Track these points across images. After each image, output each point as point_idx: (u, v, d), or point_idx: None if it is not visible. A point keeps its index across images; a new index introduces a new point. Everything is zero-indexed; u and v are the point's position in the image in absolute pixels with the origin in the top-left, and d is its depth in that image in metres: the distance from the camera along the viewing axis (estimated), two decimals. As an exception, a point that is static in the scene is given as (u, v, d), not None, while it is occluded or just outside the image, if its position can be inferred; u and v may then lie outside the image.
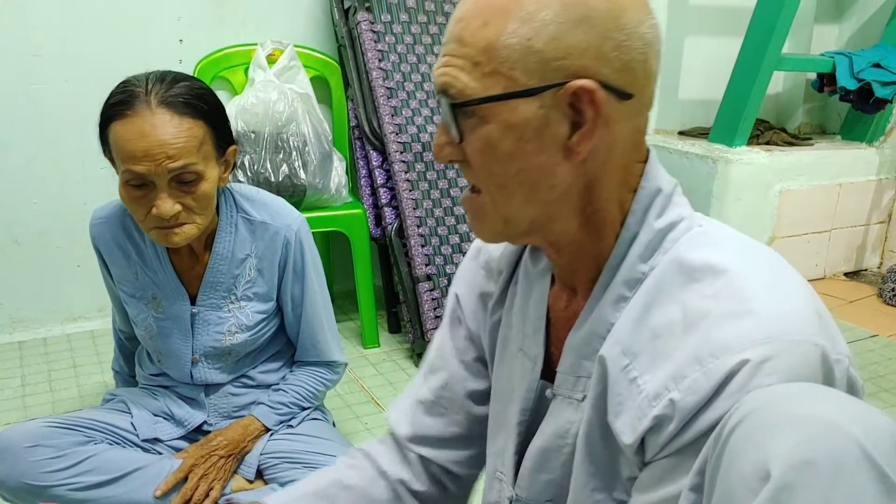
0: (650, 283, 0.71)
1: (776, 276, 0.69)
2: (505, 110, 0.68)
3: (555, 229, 0.75)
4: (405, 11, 2.42)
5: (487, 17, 0.67)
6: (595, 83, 0.66)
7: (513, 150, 0.69)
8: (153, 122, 1.25)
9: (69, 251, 2.45)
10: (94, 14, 2.34)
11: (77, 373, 2.26)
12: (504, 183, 0.72)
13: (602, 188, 0.72)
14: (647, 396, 0.67)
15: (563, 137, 0.69)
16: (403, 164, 2.32)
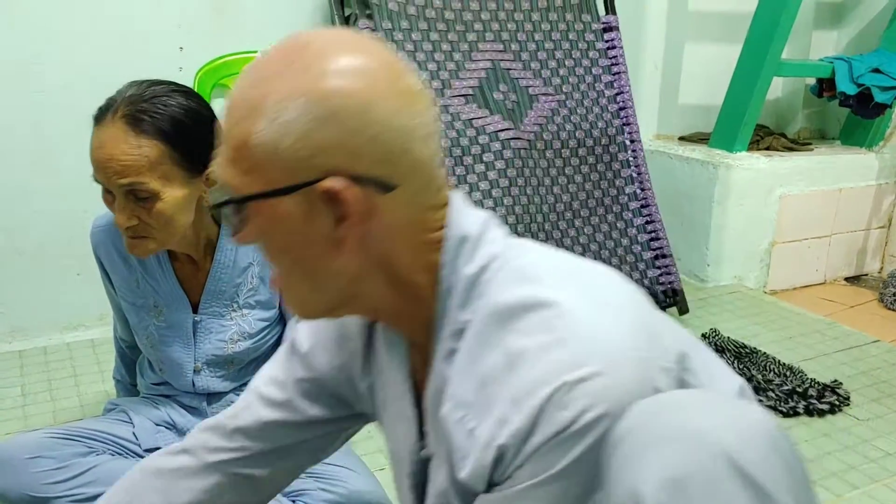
0: (471, 332, 0.72)
1: (592, 297, 0.70)
2: (267, 207, 0.69)
3: (366, 302, 0.76)
4: (406, 19, 2.42)
5: (241, 114, 0.68)
6: (345, 181, 0.66)
7: (284, 243, 0.71)
8: (109, 135, 1.26)
9: (69, 259, 2.44)
10: (95, 21, 2.33)
11: (77, 382, 2.25)
12: (289, 272, 0.74)
13: (399, 261, 0.73)
14: (481, 446, 0.68)
15: (329, 230, 0.69)
16: (404, 171, 2.32)
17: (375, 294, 0.74)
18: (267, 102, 0.66)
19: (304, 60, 0.67)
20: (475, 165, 2.41)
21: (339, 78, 0.66)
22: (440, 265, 0.73)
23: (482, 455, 0.68)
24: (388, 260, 0.72)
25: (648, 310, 0.73)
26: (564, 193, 2.57)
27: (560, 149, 2.58)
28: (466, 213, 0.75)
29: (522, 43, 2.59)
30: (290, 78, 0.66)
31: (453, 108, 2.43)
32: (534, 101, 2.57)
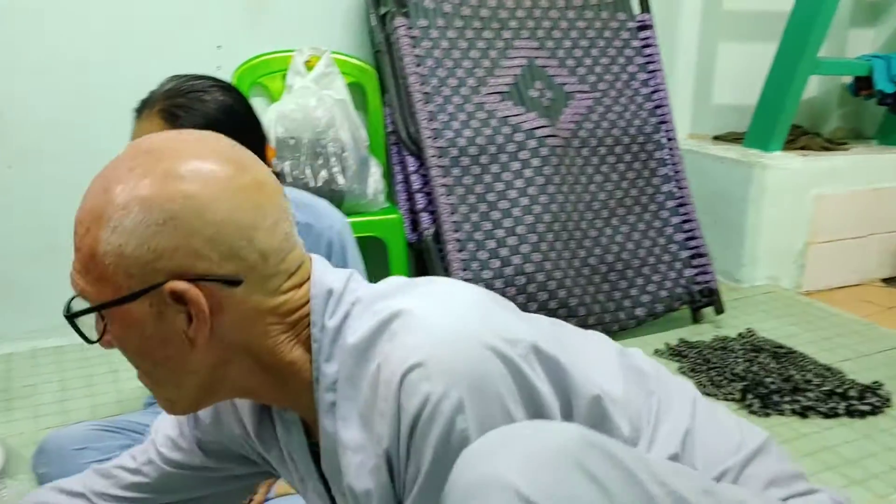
0: (342, 378, 0.73)
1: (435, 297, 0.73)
2: (120, 313, 0.70)
3: (236, 386, 0.77)
4: (442, 16, 2.42)
5: (87, 224, 0.69)
6: (186, 282, 0.68)
7: (140, 346, 0.72)
8: (145, 130, 1.27)
9: (107, 257, 2.46)
10: (133, 20, 2.36)
11: (116, 377, 2.27)
12: (149, 371, 0.75)
13: (260, 346, 0.74)
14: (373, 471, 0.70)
15: (182, 328, 0.70)
16: (440, 168, 2.32)
17: (243, 377, 0.76)
18: (109, 210, 0.68)
19: (144, 167, 0.69)
20: (511, 163, 2.41)
21: (176, 182, 0.68)
22: (311, 335, 0.75)
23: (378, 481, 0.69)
24: (248, 347, 0.73)
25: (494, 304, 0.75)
26: (601, 192, 2.56)
27: (596, 147, 2.57)
28: (328, 275, 0.77)
29: (558, 40, 2.58)
30: (131, 185, 0.68)
31: (489, 106, 2.43)
32: (569, 98, 2.56)
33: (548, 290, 2.38)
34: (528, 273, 2.37)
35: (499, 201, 2.39)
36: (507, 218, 2.38)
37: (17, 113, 2.30)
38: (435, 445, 0.65)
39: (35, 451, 1.42)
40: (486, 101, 2.43)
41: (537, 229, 2.39)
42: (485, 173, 2.38)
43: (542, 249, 2.39)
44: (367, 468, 0.71)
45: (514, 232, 2.38)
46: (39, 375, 2.28)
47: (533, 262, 2.37)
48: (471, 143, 2.37)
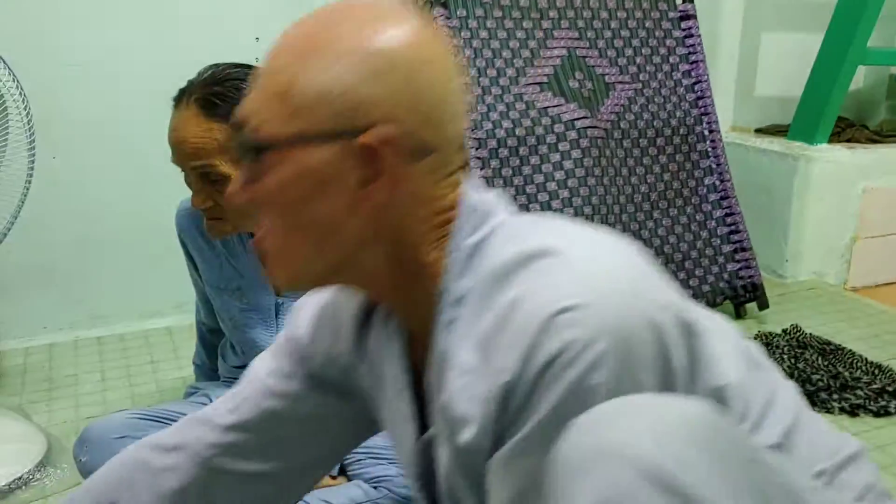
0: (471, 298, 0.70)
1: (589, 242, 0.69)
2: (298, 154, 0.67)
3: (362, 274, 0.74)
4: (480, 7, 2.39)
5: (291, 57, 0.68)
6: (384, 140, 0.66)
7: (303, 196, 0.69)
8: (182, 119, 1.28)
9: (147, 248, 2.48)
10: (171, 11, 2.37)
11: (155, 368, 2.28)
12: (294, 228, 0.71)
13: (409, 235, 0.72)
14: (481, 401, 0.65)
15: (353, 189, 0.68)
16: (478, 160, 2.30)
17: (376, 266, 0.73)
18: (321, 48, 0.67)
19: (363, 16, 0.68)
20: (550, 154, 2.38)
21: (395, 37, 0.67)
22: (448, 242, 0.72)
23: (484, 411, 0.65)
24: (399, 232, 0.71)
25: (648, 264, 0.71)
26: (642, 184, 2.52)
27: (637, 138, 2.53)
28: (479, 192, 0.75)
29: (598, 30, 2.54)
30: (347, 30, 0.67)
31: (528, 97, 2.40)
32: (610, 89, 2.52)
33: (587, 284, 2.34)
34: (567, 266, 2.33)
35: (538, 193, 2.36)
36: (547, 210, 2.35)
37: (60, 104, 2.32)
38: (561, 392, 0.61)
39: (76, 440, 1.43)
40: (526, 91, 2.40)
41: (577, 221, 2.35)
42: (524, 165, 2.35)
43: (581, 242, 2.35)
44: (474, 394, 0.67)
45: (554, 224, 2.34)
46: (80, 365, 2.30)
47: (572, 255, 2.34)
48: (510, 135, 2.34)
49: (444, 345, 0.71)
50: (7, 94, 1.75)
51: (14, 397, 2.10)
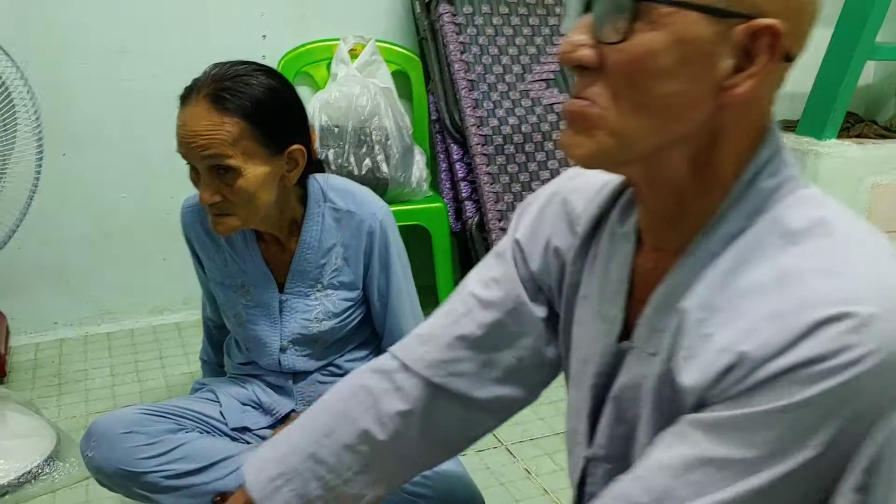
0: (746, 242, 0.68)
1: (880, 245, 0.66)
2: (681, 22, 0.64)
3: (660, 168, 0.71)
4: (487, 3, 2.40)
5: None
6: (773, 33, 0.63)
7: (671, 67, 0.64)
8: (193, 113, 1.29)
9: (155, 244, 2.50)
10: (179, 10, 2.39)
11: (163, 363, 2.30)
12: (645, 101, 0.66)
13: (724, 141, 0.69)
14: (716, 349, 0.64)
15: (723, 73, 0.65)
16: (484, 157, 2.30)
17: (672, 164, 0.70)
18: None
19: None
20: (556, 152, 2.38)
21: None
22: (746, 170, 0.70)
23: (714, 358, 0.64)
24: (722, 133, 0.69)
25: None
26: (647, 180, 2.52)
27: (643, 135, 2.53)
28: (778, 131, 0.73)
29: (604, 27, 2.54)
30: None
31: (534, 93, 2.40)
32: (616, 86, 2.52)
33: (593, 280, 2.35)
34: (573, 263, 2.34)
35: (544, 190, 2.36)
36: (553, 207, 2.36)
37: (69, 101, 2.34)
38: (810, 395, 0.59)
39: (83, 435, 1.44)
40: (532, 88, 2.40)
41: (583, 218, 2.36)
42: (530, 161, 2.36)
43: (587, 239, 2.36)
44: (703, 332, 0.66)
45: (560, 221, 2.35)
46: (90, 361, 2.32)
47: (578, 251, 2.34)
48: (516, 132, 2.35)
49: (696, 272, 0.70)
50: (15, 92, 1.76)
51: (25, 392, 2.12)
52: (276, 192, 1.38)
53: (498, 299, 0.92)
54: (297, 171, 1.40)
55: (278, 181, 1.38)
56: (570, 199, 0.89)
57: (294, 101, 1.39)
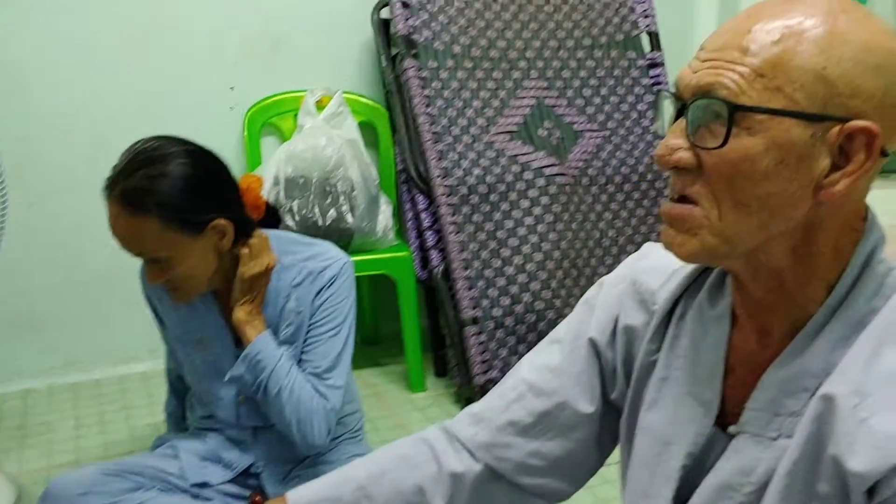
0: (879, 325, 0.70)
1: None
2: (776, 127, 0.67)
3: (761, 259, 0.73)
4: (451, 58, 2.45)
5: (780, 34, 0.68)
6: (869, 133, 0.67)
7: (769, 170, 0.68)
8: (112, 213, 1.33)
9: (123, 293, 2.49)
10: (149, 60, 2.42)
11: (129, 415, 2.29)
12: (745, 202, 0.69)
13: (824, 233, 0.72)
14: (886, 436, 0.64)
15: (821, 173, 0.68)
16: (450, 206, 2.34)
17: (775, 256, 0.73)
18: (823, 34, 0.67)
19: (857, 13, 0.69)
20: (520, 201, 2.42)
21: (889, 40, 0.69)
22: (855, 254, 0.72)
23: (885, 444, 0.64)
24: (820, 226, 0.71)
25: None
26: (610, 230, 2.56)
27: (605, 185, 2.58)
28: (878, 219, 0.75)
29: (567, 80, 2.60)
30: (845, 23, 0.68)
31: (498, 145, 2.45)
32: (578, 137, 2.57)
33: (558, 328, 2.38)
34: (539, 311, 2.37)
35: (508, 239, 2.40)
36: (517, 255, 2.39)
37: (35, 154, 2.36)
38: None
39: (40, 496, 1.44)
40: (496, 140, 2.45)
41: (547, 267, 2.39)
42: (494, 211, 2.39)
43: (552, 287, 2.39)
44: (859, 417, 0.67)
45: (524, 269, 2.38)
46: (54, 413, 2.31)
47: (544, 299, 2.37)
48: (480, 182, 2.39)
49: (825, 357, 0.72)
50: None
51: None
52: (215, 261, 1.41)
53: (550, 390, 0.93)
54: (229, 238, 1.40)
55: (213, 250, 1.40)
56: (640, 279, 0.91)
57: (212, 176, 1.39)
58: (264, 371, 1.44)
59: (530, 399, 0.94)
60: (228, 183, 1.44)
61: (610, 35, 2.69)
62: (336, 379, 1.52)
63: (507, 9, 2.56)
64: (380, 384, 2.54)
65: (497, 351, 2.32)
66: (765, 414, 0.75)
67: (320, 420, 1.48)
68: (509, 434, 0.94)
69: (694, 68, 0.72)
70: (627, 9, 2.74)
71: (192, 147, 1.39)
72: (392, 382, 2.54)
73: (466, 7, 2.50)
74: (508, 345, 2.35)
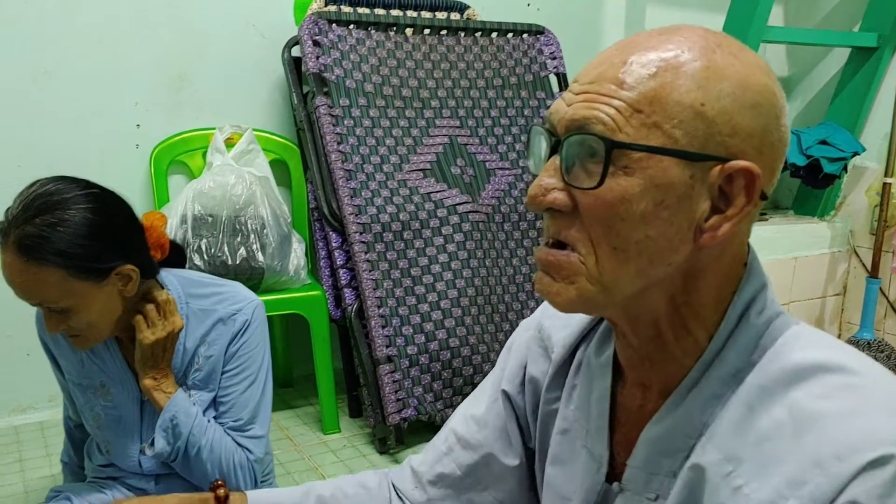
0: (752, 383, 0.66)
1: (884, 370, 0.65)
2: (655, 166, 0.63)
3: (639, 308, 0.70)
4: (364, 96, 2.45)
5: (658, 68, 0.64)
6: (750, 173, 0.64)
7: (647, 212, 0.64)
8: (7, 262, 1.24)
9: (19, 340, 2.38)
10: (49, 97, 2.33)
11: (23, 467, 2.17)
12: (623, 247, 0.65)
13: (704, 280, 0.68)
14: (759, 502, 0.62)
15: (701, 216, 0.65)
16: (363, 244, 2.32)
17: (650, 304, 0.69)
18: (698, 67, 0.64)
19: (732, 47, 0.67)
20: (434, 238, 2.42)
21: (766, 76, 0.66)
22: (731, 305, 0.69)
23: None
24: (700, 273, 0.68)
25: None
26: (523, 265, 2.58)
27: (518, 221, 2.61)
28: (760, 265, 0.71)
29: (478, 119, 2.63)
30: (721, 57, 0.65)
31: (411, 182, 2.45)
32: (491, 174, 2.60)
33: (473, 365, 2.37)
34: (453, 348, 2.36)
35: (423, 276, 2.39)
36: (432, 293, 2.38)
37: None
38: None
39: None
40: (409, 177, 2.45)
41: (462, 303, 2.39)
42: (408, 248, 2.39)
43: (466, 324, 2.39)
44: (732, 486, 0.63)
45: (439, 307, 2.38)
46: (-59, 467, 2.17)
47: (458, 336, 2.37)
48: (394, 219, 2.38)
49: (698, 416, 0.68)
50: None
51: None
52: (119, 306, 1.34)
53: (476, 443, 0.92)
54: (134, 284, 1.34)
55: (118, 296, 1.33)
56: (545, 325, 0.89)
57: (115, 220, 1.32)
58: (181, 436, 1.40)
59: (459, 452, 0.93)
60: (132, 226, 1.36)
61: (520, 76, 2.75)
62: (258, 429, 1.50)
63: (419, 48, 2.59)
64: (292, 427, 2.47)
65: (412, 389, 2.30)
66: (643, 473, 0.73)
67: (245, 473, 1.45)
68: (441, 488, 0.94)
69: (568, 101, 0.68)
70: (536, 50, 2.81)
71: (93, 189, 1.30)
72: (305, 424, 2.48)
73: (378, 46, 2.52)
74: (423, 382, 2.32)
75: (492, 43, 2.73)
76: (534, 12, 3.05)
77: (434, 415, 2.31)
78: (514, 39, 2.80)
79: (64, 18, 2.32)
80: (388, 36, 2.55)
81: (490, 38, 2.75)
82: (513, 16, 2.89)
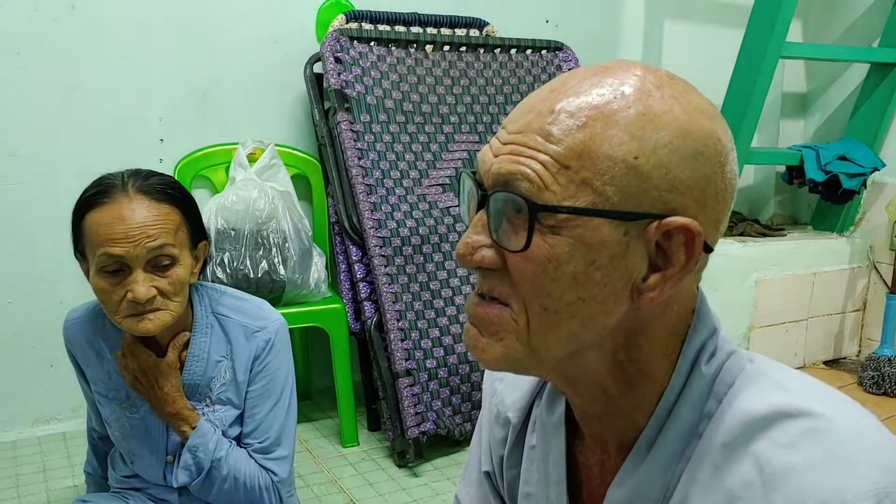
0: (712, 438, 0.63)
1: (855, 415, 0.62)
2: (585, 226, 0.59)
3: (577, 368, 0.66)
4: (384, 112, 2.48)
5: (587, 118, 0.59)
6: (690, 230, 0.59)
7: (577, 272, 0.60)
8: (132, 207, 1.28)
9: (43, 351, 2.42)
10: (75, 113, 2.38)
11: (47, 477, 2.19)
12: (554, 308, 0.61)
13: (647, 338, 0.65)
14: None
15: (637, 275, 0.61)
16: (383, 258, 2.34)
17: (592, 364, 0.65)
18: (630, 116, 0.59)
19: (672, 88, 0.61)
20: (453, 252, 2.43)
21: (710, 120, 0.61)
22: (681, 356, 0.65)
23: None
24: (642, 330, 0.64)
25: None
26: (542, 280, 2.59)
27: (536, 236, 2.62)
28: (709, 308, 0.68)
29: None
30: (659, 102, 0.60)
31: (431, 197, 2.47)
32: (510, 189, 2.61)
33: (491, 379, 2.38)
34: (472, 361, 2.37)
35: (442, 289, 2.40)
36: (451, 306, 2.40)
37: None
38: None
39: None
40: (428, 192, 2.47)
41: (480, 318, 2.40)
42: (427, 262, 2.40)
43: (485, 338, 2.39)
44: None
45: (458, 320, 2.39)
46: (-33, 476, 2.19)
47: (476, 350, 2.37)
48: (413, 233, 2.40)
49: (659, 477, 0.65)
50: None
51: None
52: (188, 287, 1.39)
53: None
54: (199, 267, 1.43)
55: (189, 273, 1.38)
56: (497, 388, 0.85)
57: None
58: (203, 470, 1.43)
59: None
60: None
61: (539, 91, 2.76)
62: (283, 450, 1.53)
63: (439, 65, 2.62)
64: (311, 439, 2.48)
65: (430, 402, 2.31)
66: None
67: (271, 494, 1.49)
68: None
69: (495, 151, 0.63)
70: (554, 67, 2.83)
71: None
72: (324, 437, 2.49)
73: (398, 63, 2.55)
74: (442, 396, 2.33)
75: (510, 59, 2.76)
76: (552, 29, 3.07)
77: (452, 429, 2.32)
78: (533, 56, 2.82)
79: (91, 37, 2.36)
80: (408, 53, 2.58)
81: (509, 54, 2.77)
82: (531, 32, 2.91)
